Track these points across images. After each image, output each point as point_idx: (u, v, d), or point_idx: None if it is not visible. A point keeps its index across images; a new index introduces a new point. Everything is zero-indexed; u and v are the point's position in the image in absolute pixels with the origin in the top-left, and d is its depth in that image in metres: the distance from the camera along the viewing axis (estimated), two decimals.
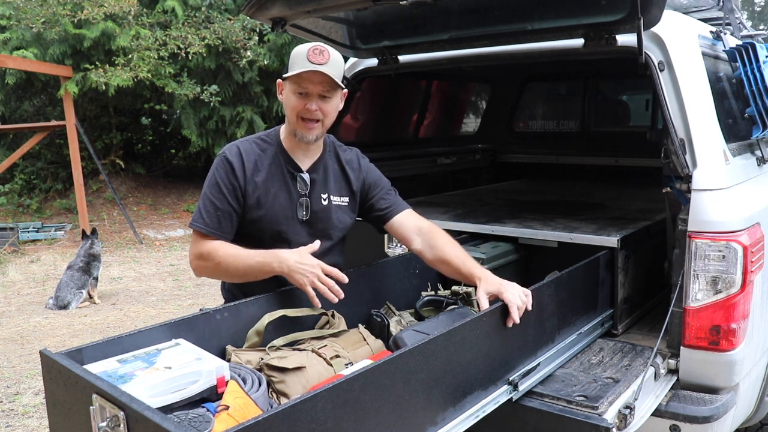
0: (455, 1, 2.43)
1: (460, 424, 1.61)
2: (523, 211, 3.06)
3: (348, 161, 2.21)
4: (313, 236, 2.09)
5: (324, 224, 2.13)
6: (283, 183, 2.07)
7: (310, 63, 1.92)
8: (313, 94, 1.97)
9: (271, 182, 2.05)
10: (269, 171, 2.06)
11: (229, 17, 9.91)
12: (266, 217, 2.04)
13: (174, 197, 11.75)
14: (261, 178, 2.04)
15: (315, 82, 1.95)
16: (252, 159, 2.05)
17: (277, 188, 2.06)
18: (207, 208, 2.00)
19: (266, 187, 2.04)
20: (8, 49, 9.19)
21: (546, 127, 5.09)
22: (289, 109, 2.02)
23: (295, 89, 1.98)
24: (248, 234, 2.06)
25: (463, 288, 2.42)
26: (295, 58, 1.97)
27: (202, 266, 2.02)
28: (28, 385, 4.22)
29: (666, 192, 2.32)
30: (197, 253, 2.00)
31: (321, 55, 1.93)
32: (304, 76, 1.94)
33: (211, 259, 1.97)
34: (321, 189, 2.12)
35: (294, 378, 1.66)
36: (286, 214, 2.06)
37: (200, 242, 1.99)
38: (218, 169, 2.03)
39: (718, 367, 2.11)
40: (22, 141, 10.66)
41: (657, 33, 2.26)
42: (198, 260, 2.01)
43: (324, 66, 1.92)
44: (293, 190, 2.08)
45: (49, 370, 1.37)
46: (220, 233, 1.99)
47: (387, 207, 2.21)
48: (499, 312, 1.78)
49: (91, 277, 6.29)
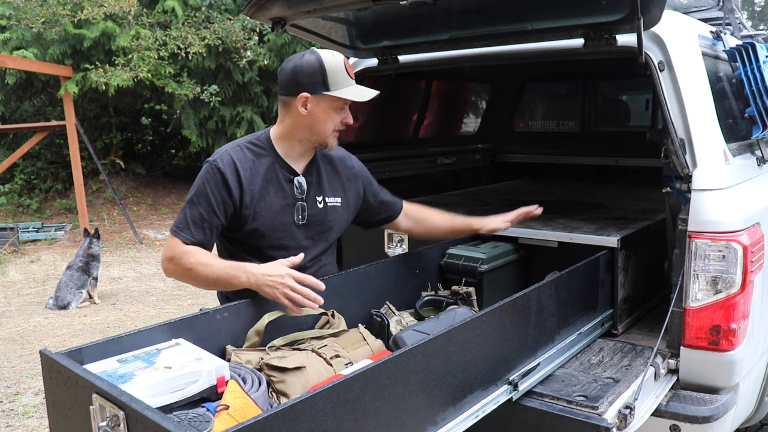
0: (455, 1, 2.43)
1: (460, 424, 1.61)
2: None
3: (339, 159, 2.23)
4: (310, 239, 2.10)
5: (321, 226, 2.12)
6: (279, 189, 2.04)
7: (351, 79, 1.99)
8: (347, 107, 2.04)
9: (266, 189, 2.02)
10: (264, 178, 2.02)
11: (229, 17, 9.91)
12: (264, 224, 2.01)
13: (174, 197, 11.75)
14: (257, 186, 2.00)
15: None
16: (247, 167, 2.00)
17: (273, 194, 2.03)
18: (194, 218, 1.94)
19: (262, 194, 2.01)
20: (8, 49, 9.19)
21: (546, 127, 5.09)
22: (327, 125, 2.02)
23: (341, 105, 2.01)
24: (246, 242, 2.03)
25: (463, 288, 2.42)
26: (335, 74, 1.96)
27: (172, 269, 1.96)
28: (28, 385, 4.22)
29: (666, 192, 2.32)
30: (170, 256, 1.94)
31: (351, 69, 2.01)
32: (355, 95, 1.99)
33: (182, 265, 1.92)
34: (316, 191, 2.12)
35: (294, 378, 1.66)
36: (283, 220, 2.04)
37: (176, 246, 1.93)
38: (209, 179, 1.96)
39: (718, 367, 2.11)
40: (22, 141, 10.67)
41: (657, 33, 2.26)
42: (169, 263, 1.95)
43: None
44: (289, 195, 2.06)
45: (49, 369, 1.37)
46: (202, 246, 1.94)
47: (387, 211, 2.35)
48: (500, 312, 1.78)
49: (91, 277, 6.29)
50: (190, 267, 1.91)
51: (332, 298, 2.02)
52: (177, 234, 1.94)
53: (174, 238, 1.95)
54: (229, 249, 2.10)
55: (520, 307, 1.88)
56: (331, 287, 2.04)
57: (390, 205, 2.37)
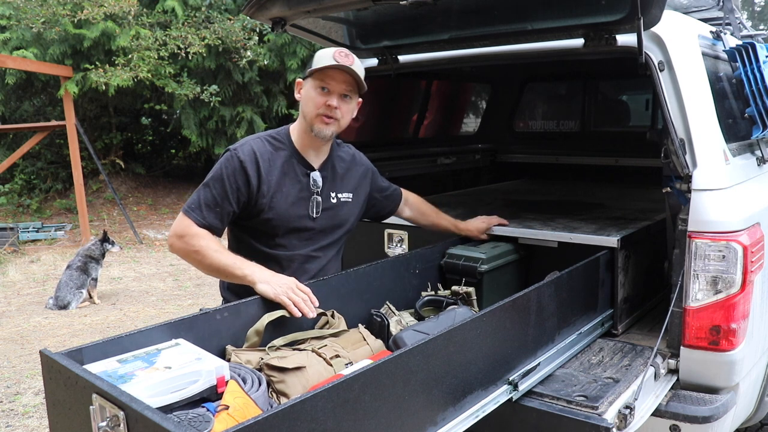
0: (455, 1, 2.43)
1: (460, 424, 1.61)
2: (523, 211, 3.06)
3: (351, 158, 2.33)
4: (322, 233, 2.17)
5: (333, 221, 2.20)
6: (296, 182, 2.11)
7: (336, 61, 1.99)
8: (334, 91, 2.04)
9: (283, 181, 2.09)
10: (282, 170, 2.09)
11: (229, 17, 9.92)
12: (278, 215, 2.07)
13: (174, 197, 11.75)
14: (275, 177, 2.07)
15: (339, 80, 2.02)
16: (266, 158, 2.07)
17: (289, 187, 2.10)
18: (207, 201, 2.00)
19: (279, 186, 2.08)
20: (8, 49, 9.19)
21: (546, 127, 5.08)
22: (309, 105, 2.06)
23: (318, 84, 2.04)
24: (259, 229, 2.09)
25: (463, 288, 2.42)
26: (320, 57, 2.02)
27: (178, 246, 2.01)
28: (28, 385, 4.22)
29: (666, 192, 2.32)
30: (180, 234, 1.99)
31: (347, 57, 2.01)
32: (329, 72, 2.01)
33: (191, 245, 1.97)
34: (330, 187, 2.19)
35: (294, 378, 1.66)
36: (298, 213, 2.10)
37: (189, 226, 1.99)
38: (227, 165, 2.03)
39: (718, 367, 2.11)
40: (22, 141, 10.67)
41: (657, 33, 2.26)
42: (177, 239, 2.00)
43: (350, 66, 2.00)
44: (305, 189, 2.13)
45: (49, 370, 1.37)
46: (212, 229, 2.01)
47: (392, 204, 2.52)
48: (500, 312, 1.78)
49: (90, 278, 6.29)
50: (198, 249, 1.96)
51: (332, 298, 2.03)
52: (188, 214, 2.00)
53: (185, 218, 2.00)
54: (239, 236, 2.16)
55: (520, 307, 1.88)
56: (331, 287, 2.05)
57: (393, 198, 2.54)
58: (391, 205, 2.54)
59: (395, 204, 2.55)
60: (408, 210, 2.61)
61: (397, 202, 2.56)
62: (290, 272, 2.10)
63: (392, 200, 2.54)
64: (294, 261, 2.13)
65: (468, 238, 2.67)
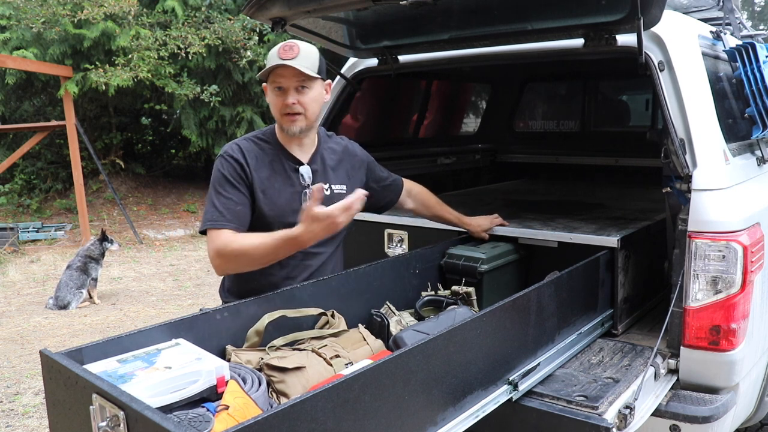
0: (455, 1, 2.43)
1: (460, 424, 1.61)
2: (523, 211, 3.06)
3: (343, 148, 2.32)
4: None
5: None
6: (286, 177, 2.12)
7: (280, 59, 1.99)
8: (288, 88, 2.04)
9: (274, 178, 2.10)
10: (271, 167, 2.10)
11: (229, 17, 9.91)
12: (274, 211, 2.07)
13: (174, 197, 11.75)
14: (264, 174, 2.08)
15: (287, 76, 2.02)
16: (253, 156, 2.09)
17: (280, 183, 2.10)
18: (222, 204, 2.00)
19: (270, 182, 2.08)
20: (8, 49, 9.19)
21: (546, 127, 5.09)
22: (273, 107, 2.10)
23: (273, 86, 2.06)
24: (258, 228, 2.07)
25: (463, 288, 2.42)
26: (269, 58, 2.05)
27: (222, 263, 1.97)
28: (28, 385, 4.22)
29: (666, 192, 2.32)
30: (216, 250, 1.95)
31: (291, 50, 2.01)
32: (277, 71, 2.02)
33: (231, 253, 1.94)
34: (322, 179, 2.18)
35: (294, 378, 1.66)
36: (292, 207, 2.10)
37: (217, 237, 1.96)
38: (223, 166, 2.06)
39: (718, 367, 2.11)
40: (22, 141, 10.67)
41: (657, 33, 2.26)
42: (218, 257, 1.96)
43: (293, 60, 1.99)
44: (297, 183, 2.13)
45: (49, 370, 1.37)
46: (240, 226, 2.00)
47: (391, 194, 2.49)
48: (500, 312, 1.78)
49: (90, 278, 6.29)
50: (240, 251, 1.94)
51: (332, 298, 2.03)
52: (212, 226, 1.98)
53: (211, 232, 1.98)
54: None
55: (520, 307, 1.88)
56: (331, 287, 2.05)
57: (392, 188, 2.50)
58: (390, 196, 2.50)
59: (395, 195, 2.51)
60: (411, 201, 2.57)
61: (397, 192, 2.51)
62: (290, 269, 2.10)
63: (392, 191, 2.49)
64: (294, 257, 2.12)
65: (468, 238, 2.67)
